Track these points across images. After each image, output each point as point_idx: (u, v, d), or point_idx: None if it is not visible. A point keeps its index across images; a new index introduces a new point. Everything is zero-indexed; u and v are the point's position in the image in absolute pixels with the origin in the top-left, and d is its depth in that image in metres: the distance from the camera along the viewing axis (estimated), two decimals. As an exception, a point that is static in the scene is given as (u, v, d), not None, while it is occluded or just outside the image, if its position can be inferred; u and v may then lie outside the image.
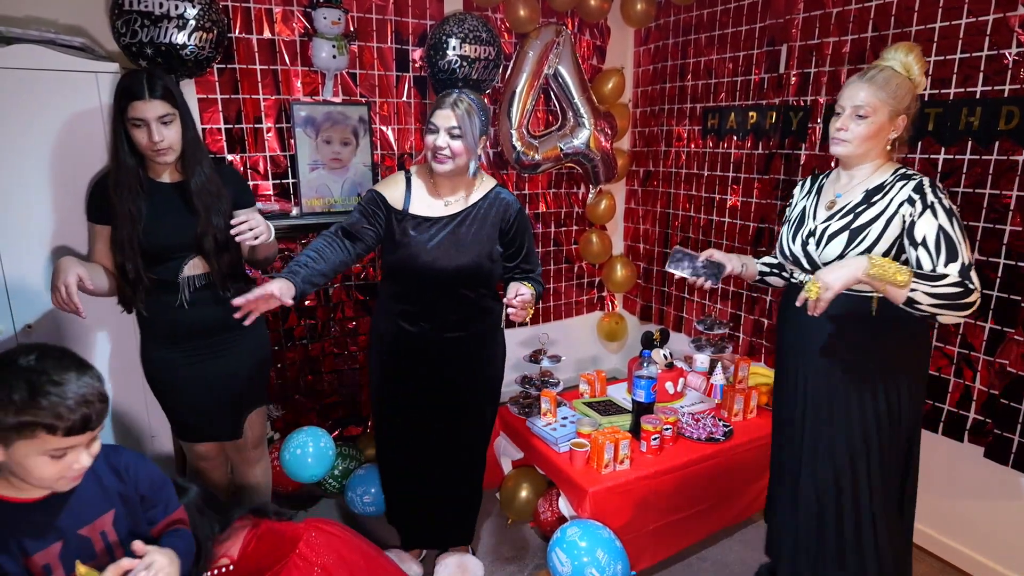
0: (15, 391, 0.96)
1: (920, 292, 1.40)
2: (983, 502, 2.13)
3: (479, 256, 1.82)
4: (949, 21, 2.04)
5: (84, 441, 1.02)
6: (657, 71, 3.26)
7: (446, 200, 1.84)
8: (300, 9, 2.45)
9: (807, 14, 2.46)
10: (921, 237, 1.47)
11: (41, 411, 0.96)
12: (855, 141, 1.55)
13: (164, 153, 1.68)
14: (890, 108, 1.51)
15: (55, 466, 1.00)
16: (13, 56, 1.80)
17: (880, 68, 1.54)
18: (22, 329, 1.92)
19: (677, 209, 3.25)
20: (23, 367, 0.99)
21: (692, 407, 2.50)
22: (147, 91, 1.61)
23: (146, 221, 1.70)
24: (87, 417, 1.00)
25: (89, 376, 1.03)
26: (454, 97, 1.76)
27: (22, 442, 0.98)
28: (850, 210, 1.59)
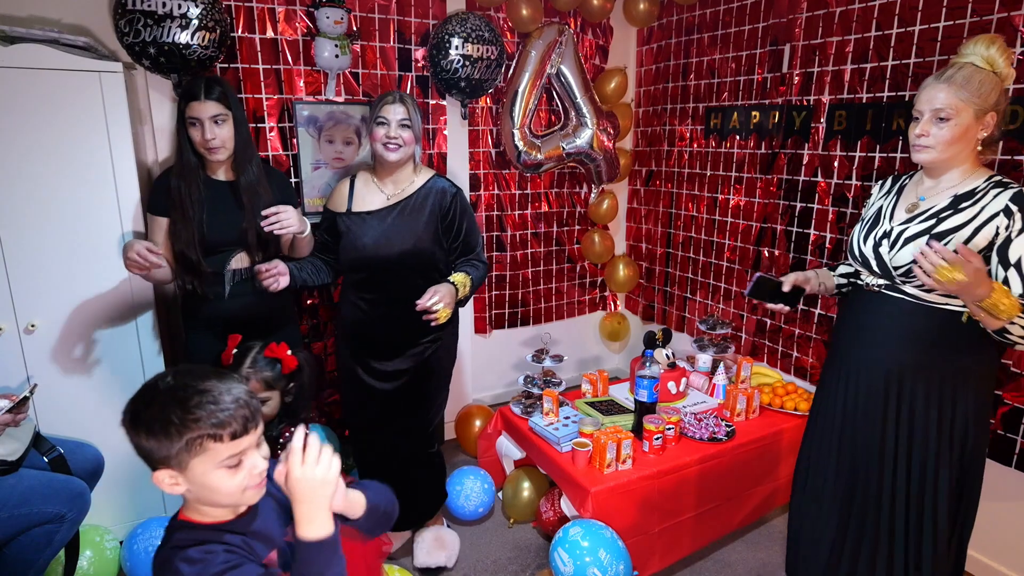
0: (170, 413, 0.94)
1: (1018, 325, 1.34)
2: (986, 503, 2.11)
3: (420, 240, 1.98)
4: (953, 20, 2.04)
5: (252, 443, 0.99)
6: (660, 70, 3.25)
7: (387, 194, 2.03)
8: (303, 9, 2.45)
9: (810, 13, 2.46)
10: (1016, 258, 1.37)
11: (200, 422, 0.94)
12: (939, 146, 1.44)
13: (216, 151, 1.87)
14: (975, 107, 1.39)
15: (235, 476, 0.97)
16: (17, 55, 1.81)
17: (959, 66, 1.42)
18: (25, 327, 1.93)
19: (680, 209, 3.24)
20: (165, 389, 0.97)
21: (694, 407, 2.50)
22: (203, 93, 1.82)
23: (205, 215, 1.89)
24: (246, 416, 0.97)
25: (231, 380, 1.01)
26: (398, 94, 1.98)
27: (195, 460, 0.95)
28: (934, 214, 1.48)
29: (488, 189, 3.10)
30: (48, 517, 1.63)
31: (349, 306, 2.08)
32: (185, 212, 1.87)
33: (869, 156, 2.33)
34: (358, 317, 2.06)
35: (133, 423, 0.97)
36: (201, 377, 0.98)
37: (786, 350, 2.75)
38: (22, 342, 1.93)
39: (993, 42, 1.42)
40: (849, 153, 2.39)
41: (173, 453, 0.94)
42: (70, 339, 2.01)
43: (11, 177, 1.85)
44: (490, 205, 3.13)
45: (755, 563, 2.23)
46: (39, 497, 1.64)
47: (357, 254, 1.99)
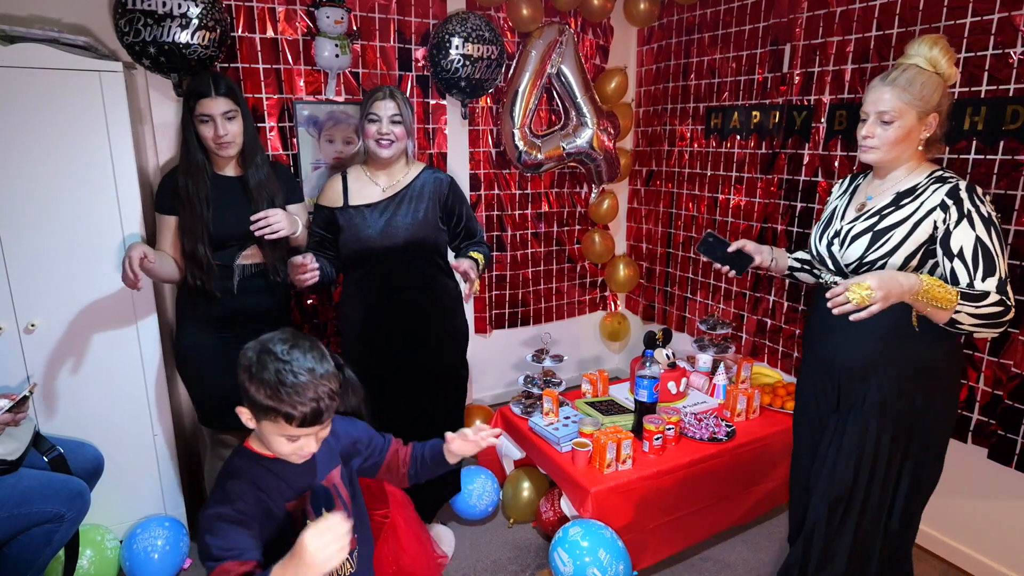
0: (267, 376, 1.11)
1: (963, 313, 1.36)
2: (987, 503, 2.12)
3: (422, 227, 2.00)
4: (954, 20, 2.04)
5: (313, 432, 1.16)
6: (660, 70, 3.25)
7: (382, 187, 2.04)
8: (303, 8, 2.45)
9: (811, 13, 2.46)
10: (958, 248, 1.40)
11: (282, 402, 1.10)
12: (884, 147, 1.49)
13: (227, 146, 1.90)
14: (918, 109, 1.44)
15: (289, 446, 1.16)
16: (17, 55, 1.80)
17: (903, 68, 1.46)
18: (25, 327, 1.93)
19: (680, 209, 3.24)
20: (277, 355, 1.13)
21: (695, 407, 2.50)
22: (213, 89, 1.85)
23: (213, 211, 1.91)
24: (318, 412, 1.13)
25: (325, 368, 1.16)
26: (388, 89, 1.98)
27: (267, 422, 1.14)
28: (876, 212, 1.54)
29: (488, 189, 3.10)
30: (48, 517, 1.63)
31: (355, 304, 2.06)
32: (194, 209, 1.90)
33: (870, 156, 2.33)
34: (366, 313, 2.04)
35: (245, 365, 1.15)
36: (304, 359, 1.14)
37: (786, 350, 2.75)
38: (22, 342, 1.93)
39: (936, 43, 1.46)
40: (850, 153, 2.39)
41: (257, 406, 1.13)
42: (70, 339, 2.01)
43: (11, 177, 1.85)
44: (490, 205, 3.13)
45: (755, 563, 2.23)
46: (39, 497, 1.64)
47: (360, 246, 1.99)
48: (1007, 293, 1.38)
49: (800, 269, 1.88)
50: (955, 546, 2.22)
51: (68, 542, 1.75)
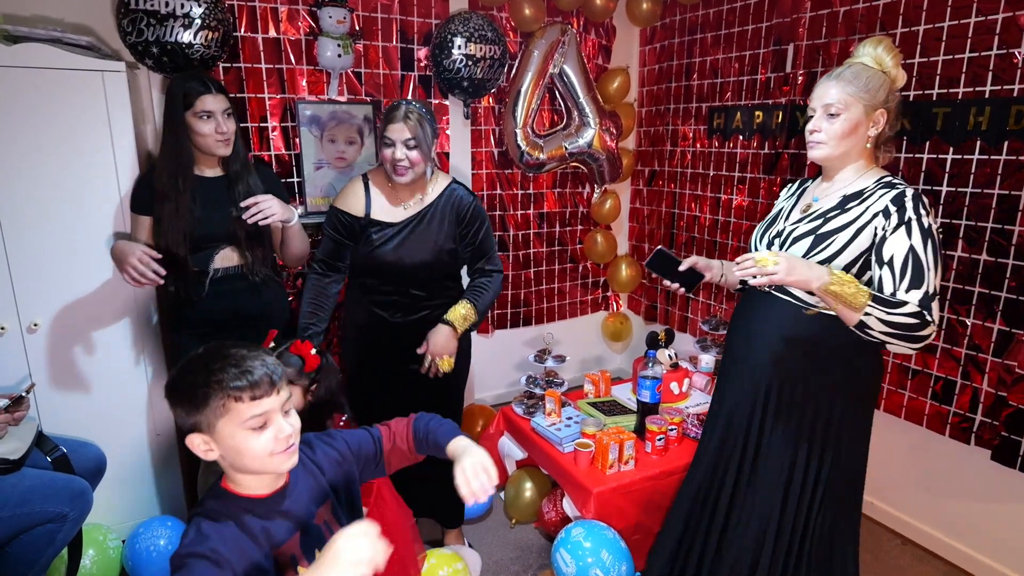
0: (198, 377, 1.00)
1: (873, 317, 1.34)
2: (990, 505, 2.12)
3: (439, 251, 1.96)
4: (958, 20, 2.03)
5: (276, 404, 1.03)
6: (663, 70, 3.25)
7: (404, 204, 1.97)
8: (305, 8, 2.45)
9: (814, 13, 2.45)
10: (888, 256, 1.38)
11: (223, 383, 0.98)
12: (831, 141, 1.47)
13: (228, 143, 1.87)
14: (864, 103, 1.43)
15: (261, 439, 1.01)
16: (20, 55, 1.81)
17: (849, 64, 1.48)
18: (28, 327, 1.93)
19: (682, 209, 3.24)
20: (195, 358, 1.03)
21: (697, 408, 2.49)
22: (212, 87, 1.83)
23: (197, 211, 1.86)
24: (265, 375, 1.01)
25: (260, 350, 1.06)
26: (404, 109, 1.85)
27: (221, 422, 1.00)
28: (821, 214, 1.51)
29: (490, 189, 3.10)
30: (50, 516, 1.63)
31: (360, 310, 2.04)
32: (178, 208, 1.84)
33: (873, 156, 2.32)
34: (369, 320, 2.01)
35: (168, 392, 1.04)
36: (230, 346, 1.04)
37: (789, 351, 2.74)
38: (25, 341, 1.94)
39: (880, 42, 1.48)
40: (853, 153, 2.38)
41: (201, 416, 1.00)
42: (73, 338, 2.01)
43: (14, 177, 1.85)
44: (492, 205, 3.13)
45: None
46: (41, 496, 1.64)
47: (375, 261, 1.95)
48: (930, 309, 1.34)
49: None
50: (958, 547, 2.21)
51: (71, 541, 1.75)
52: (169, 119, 1.85)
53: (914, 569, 2.22)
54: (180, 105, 1.82)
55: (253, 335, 1.89)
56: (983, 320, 2.05)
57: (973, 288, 2.07)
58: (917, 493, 2.32)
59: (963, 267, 2.09)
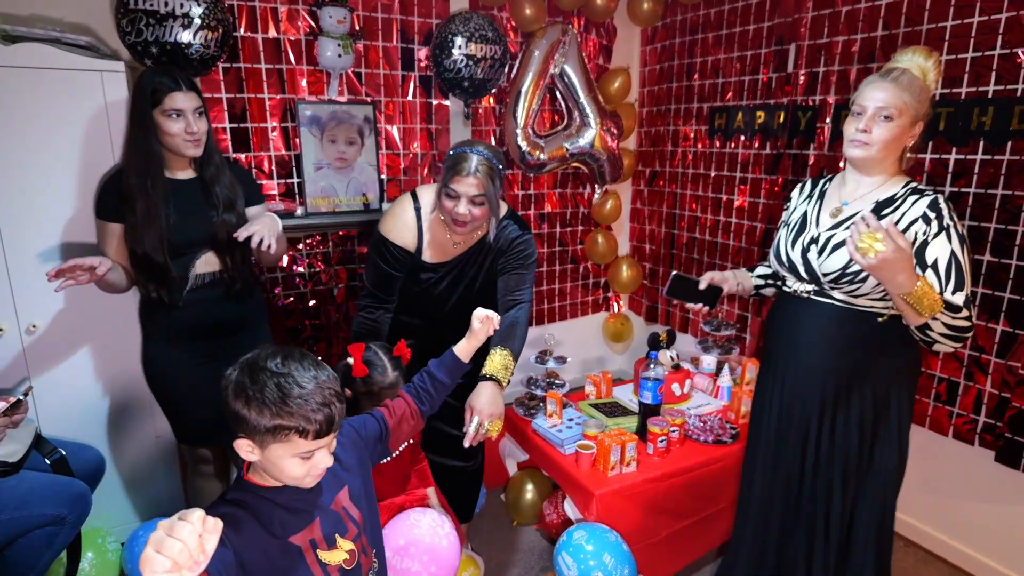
0: (268, 394, 1.00)
1: (939, 322, 1.37)
2: (994, 506, 2.11)
3: (481, 288, 1.90)
4: (961, 19, 2.02)
5: (327, 443, 1.07)
6: (664, 70, 3.24)
7: (455, 241, 1.86)
8: (305, 8, 2.44)
9: (816, 13, 2.44)
10: (932, 260, 1.41)
11: (292, 416, 1.01)
12: (877, 144, 1.45)
13: (198, 144, 1.75)
14: (913, 112, 1.43)
15: (303, 466, 1.05)
16: (19, 55, 1.80)
17: (901, 70, 1.46)
18: (26, 328, 1.92)
19: (683, 209, 3.23)
20: (273, 370, 1.03)
21: (699, 409, 2.48)
22: (183, 84, 1.70)
23: (171, 216, 1.75)
24: (331, 419, 1.05)
25: (328, 378, 1.07)
26: (474, 163, 1.68)
27: (276, 444, 1.02)
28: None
29: (491, 189, 3.09)
30: (49, 519, 1.62)
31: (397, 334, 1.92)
32: (151, 212, 1.71)
33: (875, 156, 2.31)
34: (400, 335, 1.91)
35: (236, 391, 1.03)
36: (303, 368, 1.05)
37: (791, 352, 2.74)
38: (23, 343, 1.93)
39: (931, 55, 1.47)
40: (855, 153, 2.38)
41: (261, 431, 1.01)
42: (71, 340, 2.00)
43: (12, 177, 1.84)
44: (493, 205, 3.12)
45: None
46: (40, 499, 1.63)
47: (421, 300, 1.90)
48: (971, 311, 1.41)
49: (765, 286, 1.87)
50: (962, 550, 2.21)
51: (70, 544, 1.74)
52: (136, 116, 1.72)
53: (918, 571, 2.21)
54: (148, 102, 1.68)
55: (233, 343, 1.87)
56: (986, 321, 2.04)
57: (976, 289, 2.06)
58: (921, 495, 2.31)
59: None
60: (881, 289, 1.46)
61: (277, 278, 2.62)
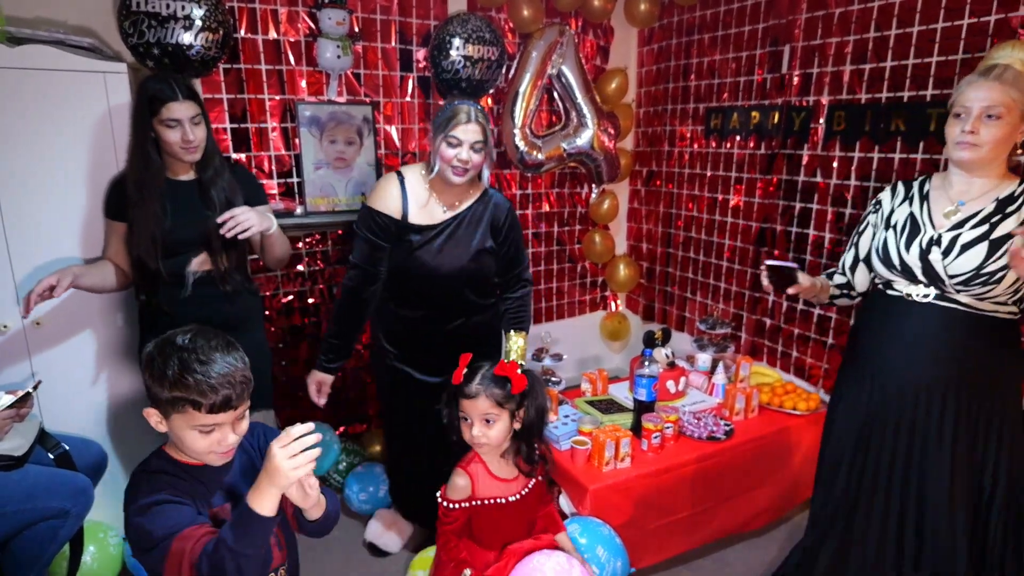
0: (169, 367, 1.06)
1: None
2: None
3: (477, 256, 1.94)
4: (951, 22, 2.05)
5: (229, 419, 1.10)
6: (660, 71, 3.27)
7: (444, 206, 1.93)
8: (305, 10, 2.47)
9: (810, 14, 2.47)
10: None
11: (188, 388, 1.05)
12: (987, 145, 1.40)
13: (195, 151, 1.79)
14: (1021, 108, 1.38)
15: (204, 440, 1.09)
16: (22, 56, 1.82)
17: (1004, 67, 1.40)
18: (30, 325, 1.95)
19: (680, 209, 3.25)
20: (179, 345, 1.08)
21: (693, 406, 2.51)
22: (179, 93, 1.73)
23: (168, 217, 1.79)
24: (228, 397, 1.07)
25: (233, 357, 1.11)
26: (474, 111, 1.81)
27: (176, 415, 1.08)
28: (983, 219, 1.46)
29: (489, 189, 3.12)
30: (53, 512, 1.65)
31: (389, 318, 2.01)
32: (147, 217, 1.76)
33: (868, 157, 2.34)
34: (403, 330, 2.00)
35: (146, 363, 1.10)
36: (211, 347, 1.09)
37: (785, 350, 2.76)
38: (28, 339, 1.96)
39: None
40: (848, 153, 2.40)
41: (162, 401, 1.08)
42: (75, 336, 2.03)
43: (16, 177, 1.87)
44: (491, 205, 3.14)
45: (756, 564, 2.24)
46: (44, 492, 1.65)
47: (413, 265, 1.91)
48: None
49: (839, 296, 1.80)
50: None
51: (72, 538, 1.77)
52: (136, 123, 1.76)
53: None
54: (147, 110, 1.73)
55: None
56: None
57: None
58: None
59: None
60: (1012, 290, 1.44)
61: (277, 276, 2.65)
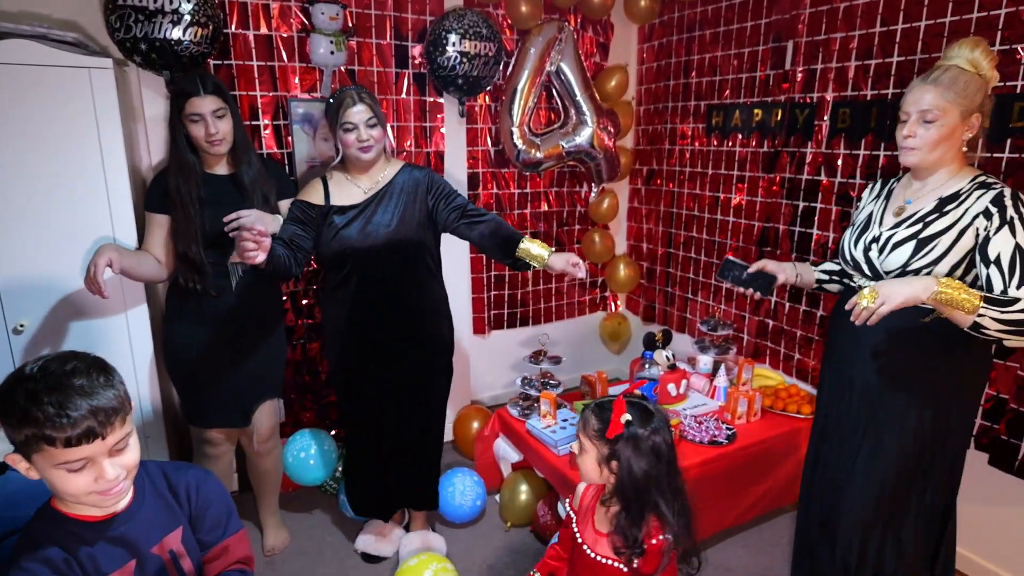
0: (16, 404, 0.91)
1: (988, 318, 1.33)
2: (989, 509, 2.08)
3: (402, 227, 1.97)
4: (960, 16, 2.00)
5: (100, 451, 0.93)
6: (661, 68, 3.21)
7: (364, 188, 2.00)
8: (298, 5, 2.42)
9: (813, 9, 2.42)
10: (995, 255, 1.39)
11: (38, 422, 0.89)
12: (925, 147, 1.46)
13: (219, 144, 1.88)
14: (961, 108, 1.42)
15: (78, 480, 0.93)
16: (5, 51, 1.77)
17: (944, 68, 1.45)
18: (14, 328, 1.90)
19: (681, 208, 3.20)
20: (26, 375, 0.93)
21: (695, 409, 2.46)
22: (201, 88, 1.83)
23: (205, 210, 1.89)
24: (90, 428, 0.91)
25: (99, 379, 0.95)
26: (355, 93, 1.91)
27: (36, 456, 0.92)
28: (920, 218, 1.51)
29: (487, 188, 3.07)
30: (34, 521, 1.60)
31: (335, 304, 2.03)
32: (187, 211, 1.87)
33: (873, 154, 2.29)
34: (347, 313, 2.01)
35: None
36: (66, 373, 0.93)
37: (788, 352, 2.71)
38: (10, 343, 1.91)
39: (977, 44, 1.46)
40: (852, 151, 2.35)
41: (18, 444, 0.93)
42: (59, 339, 1.98)
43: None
44: (489, 204, 3.09)
45: (756, 567, 2.19)
46: (27, 499, 1.59)
47: (341, 246, 1.95)
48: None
49: (830, 281, 1.85)
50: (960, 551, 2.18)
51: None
52: (170, 122, 1.89)
53: (915, 574, 2.19)
54: (175, 108, 1.85)
55: (251, 332, 2.03)
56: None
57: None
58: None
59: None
60: None
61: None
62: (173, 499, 1.10)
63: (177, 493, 1.12)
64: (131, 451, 1.00)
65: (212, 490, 1.17)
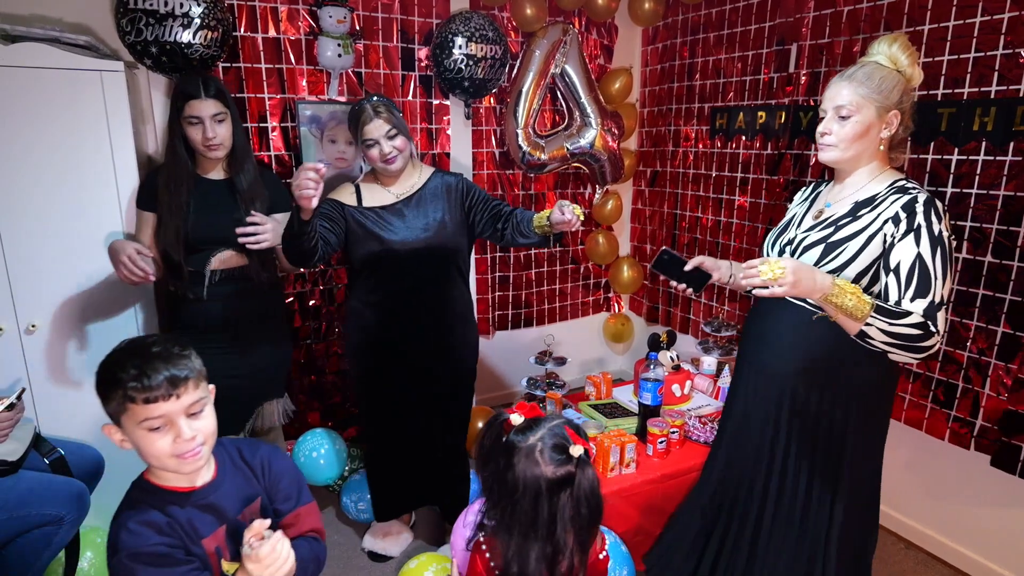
0: (108, 370, 1.03)
1: (875, 328, 1.31)
2: (992, 509, 2.10)
3: (438, 231, 1.97)
4: (963, 20, 2.01)
5: (176, 409, 1.03)
6: (665, 70, 3.23)
7: (396, 194, 2.00)
8: (305, 8, 2.43)
9: (817, 13, 2.43)
10: (895, 263, 1.35)
11: (120, 383, 1.00)
12: (841, 144, 1.43)
13: (216, 149, 1.86)
14: (876, 104, 1.39)
15: (159, 441, 1.02)
16: (18, 54, 1.80)
17: (862, 64, 1.44)
18: (26, 328, 1.92)
19: (684, 210, 3.22)
20: (117, 350, 1.05)
21: (699, 410, 2.47)
22: (202, 91, 1.81)
23: (193, 214, 1.86)
24: (166, 388, 1.01)
25: (172, 351, 1.05)
26: (371, 108, 1.90)
27: (124, 418, 1.03)
28: (832, 222, 1.48)
29: (492, 189, 3.08)
30: (47, 519, 1.62)
31: (365, 306, 2.00)
32: (173, 212, 1.85)
33: (877, 157, 2.30)
34: (377, 316, 1.99)
35: (96, 376, 1.06)
36: (145, 345, 1.05)
37: (792, 353, 2.73)
38: (23, 343, 1.93)
39: (895, 40, 1.43)
40: (856, 154, 2.37)
41: (109, 409, 1.04)
42: (71, 339, 2.00)
43: (12, 177, 1.84)
44: (493, 205, 3.11)
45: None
46: (38, 499, 1.63)
47: (374, 247, 1.93)
48: (935, 319, 1.31)
49: None
50: (962, 551, 2.20)
51: (68, 544, 1.74)
52: (169, 122, 1.88)
53: (918, 573, 2.20)
54: (175, 108, 1.84)
55: (249, 338, 1.97)
56: (986, 323, 2.03)
57: (977, 291, 2.05)
58: (921, 497, 2.30)
59: (967, 269, 2.07)
60: None
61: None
62: (250, 472, 1.20)
63: (252, 467, 1.21)
64: (207, 417, 1.09)
65: (283, 464, 1.26)
